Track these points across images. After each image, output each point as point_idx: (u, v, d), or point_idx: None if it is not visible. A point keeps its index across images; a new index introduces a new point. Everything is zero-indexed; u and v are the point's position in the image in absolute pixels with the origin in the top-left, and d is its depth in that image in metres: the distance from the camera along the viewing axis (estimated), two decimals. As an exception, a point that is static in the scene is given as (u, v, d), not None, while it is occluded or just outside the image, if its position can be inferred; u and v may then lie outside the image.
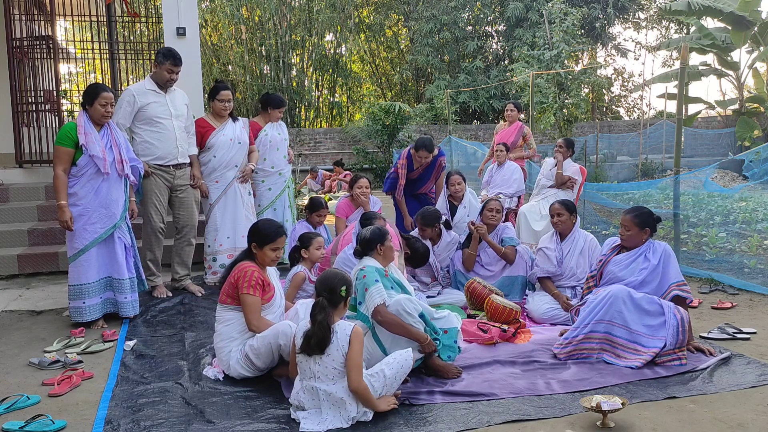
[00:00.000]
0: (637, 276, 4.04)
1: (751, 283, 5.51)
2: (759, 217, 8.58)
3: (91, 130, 4.58)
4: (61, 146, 4.52)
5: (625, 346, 3.81)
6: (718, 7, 18.57)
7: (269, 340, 3.49)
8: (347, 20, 20.49)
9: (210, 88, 5.88)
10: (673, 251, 4.12)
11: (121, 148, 4.74)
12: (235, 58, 19.56)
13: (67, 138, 4.52)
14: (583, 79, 16.30)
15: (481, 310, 4.77)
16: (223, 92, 5.72)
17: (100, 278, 4.70)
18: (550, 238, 5.05)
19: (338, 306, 3.22)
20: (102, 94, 4.58)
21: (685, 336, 3.76)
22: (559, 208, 4.96)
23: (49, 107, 8.12)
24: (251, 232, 3.80)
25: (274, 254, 3.74)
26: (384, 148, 17.34)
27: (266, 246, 3.71)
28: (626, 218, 4.15)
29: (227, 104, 5.76)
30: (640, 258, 4.10)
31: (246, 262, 3.71)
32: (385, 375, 3.14)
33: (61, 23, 13.38)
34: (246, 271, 3.61)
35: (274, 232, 3.74)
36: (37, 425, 3.04)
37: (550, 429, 2.99)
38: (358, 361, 3.05)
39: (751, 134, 19.07)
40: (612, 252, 4.27)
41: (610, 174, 17.50)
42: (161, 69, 5.28)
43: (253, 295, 3.57)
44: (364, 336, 3.40)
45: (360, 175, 6.18)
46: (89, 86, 4.70)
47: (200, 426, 3.06)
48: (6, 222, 6.93)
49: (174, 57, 5.29)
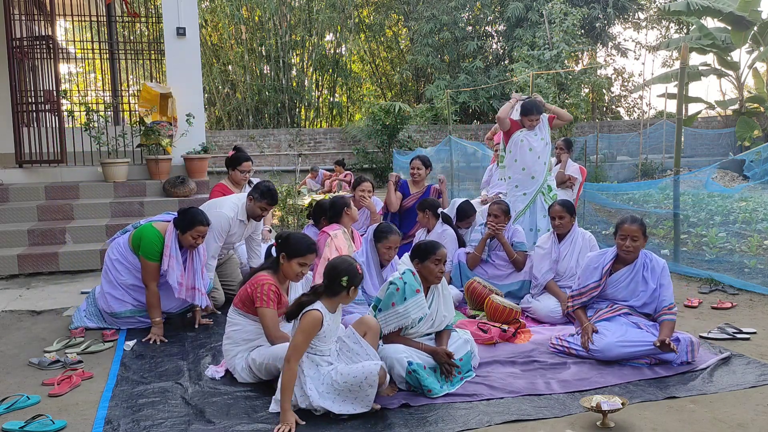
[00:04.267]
0: (636, 302, 4.01)
1: (751, 283, 5.51)
2: (759, 217, 8.59)
3: (175, 253, 4.41)
4: (150, 262, 4.38)
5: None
6: (718, 7, 18.57)
7: (267, 360, 3.48)
8: (347, 20, 20.49)
9: (231, 156, 5.65)
10: (667, 267, 4.05)
11: (197, 274, 4.56)
12: (235, 58, 19.56)
13: (156, 254, 4.37)
14: (583, 79, 16.30)
15: (481, 310, 4.77)
16: (245, 163, 5.61)
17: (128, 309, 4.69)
18: (548, 239, 5.04)
19: (339, 294, 3.22)
20: (198, 227, 4.39)
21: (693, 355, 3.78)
22: (561, 210, 4.92)
23: (49, 107, 8.11)
24: (283, 243, 3.68)
25: (300, 269, 3.65)
26: (384, 148, 17.34)
27: (294, 259, 3.63)
28: (633, 228, 3.96)
29: (248, 175, 5.68)
30: (638, 278, 4.01)
31: (264, 274, 3.67)
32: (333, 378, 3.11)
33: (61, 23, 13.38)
34: (263, 285, 3.58)
35: (306, 248, 3.66)
36: (37, 425, 3.04)
37: (550, 429, 2.99)
38: (297, 340, 3.09)
39: (751, 134, 19.08)
40: (608, 271, 4.09)
41: (610, 174, 17.50)
42: (255, 204, 5.00)
43: (269, 308, 3.56)
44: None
45: (364, 178, 6.14)
46: (187, 213, 4.43)
47: (200, 426, 3.06)
48: (6, 222, 6.94)
49: (272, 197, 5.03)
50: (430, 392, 3.33)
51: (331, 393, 3.11)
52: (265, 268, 3.75)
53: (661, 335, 3.72)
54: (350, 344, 3.28)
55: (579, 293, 4.16)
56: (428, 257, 3.67)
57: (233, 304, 3.72)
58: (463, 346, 3.72)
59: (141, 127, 8.12)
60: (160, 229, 4.47)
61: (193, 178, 7.94)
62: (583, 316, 4.07)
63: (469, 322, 4.44)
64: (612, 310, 4.02)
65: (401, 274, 3.67)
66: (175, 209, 6.80)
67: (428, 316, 3.68)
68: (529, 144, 5.91)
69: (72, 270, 6.38)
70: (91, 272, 6.32)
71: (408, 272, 3.67)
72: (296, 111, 20.37)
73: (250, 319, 3.64)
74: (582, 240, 4.93)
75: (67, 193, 7.53)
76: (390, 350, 3.48)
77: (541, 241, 5.11)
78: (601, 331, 3.89)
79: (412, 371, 3.36)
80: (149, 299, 4.43)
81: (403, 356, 3.42)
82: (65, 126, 8.15)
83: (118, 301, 4.60)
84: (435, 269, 3.67)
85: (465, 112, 20.06)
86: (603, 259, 4.12)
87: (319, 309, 3.16)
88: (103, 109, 10.11)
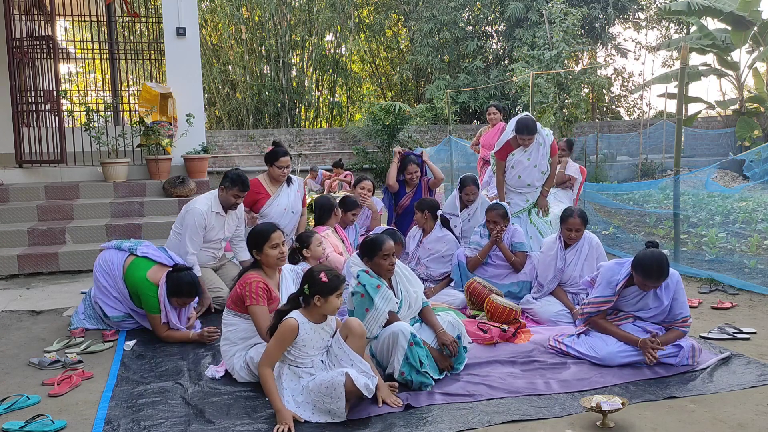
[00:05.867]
0: (644, 314, 3.89)
1: (751, 283, 5.51)
2: (759, 217, 8.59)
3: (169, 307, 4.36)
4: (156, 314, 4.35)
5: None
6: (718, 7, 18.57)
7: None
8: (347, 20, 20.48)
9: (269, 152, 5.53)
10: (681, 280, 3.88)
11: (183, 315, 4.55)
12: (235, 58, 19.55)
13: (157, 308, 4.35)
14: (583, 79, 16.28)
15: (481, 310, 4.77)
16: (283, 159, 5.47)
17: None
18: (554, 244, 4.88)
19: (309, 303, 3.17)
20: (184, 298, 4.38)
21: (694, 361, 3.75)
22: (579, 223, 4.72)
23: (49, 107, 8.11)
24: (248, 241, 3.79)
25: (276, 251, 3.72)
26: (384, 148, 17.33)
27: (264, 246, 3.70)
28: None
29: (286, 170, 5.54)
30: (649, 295, 3.84)
31: (251, 273, 3.70)
32: (309, 388, 3.09)
33: (61, 23, 13.39)
34: (250, 283, 3.61)
35: (267, 230, 3.74)
36: (37, 425, 3.04)
37: (550, 429, 2.99)
38: (269, 347, 3.11)
39: (751, 134, 19.07)
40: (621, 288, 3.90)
41: (610, 174, 17.50)
42: (227, 194, 5.02)
43: (259, 305, 3.57)
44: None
45: (365, 177, 6.15)
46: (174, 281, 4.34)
47: (200, 426, 3.06)
48: (6, 222, 6.94)
49: (243, 183, 5.03)
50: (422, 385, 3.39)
51: (309, 403, 3.09)
52: (251, 267, 3.78)
53: (660, 337, 3.71)
54: (335, 349, 3.23)
55: (591, 303, 3.96)
56: (376, 254, 3.69)
57: (226, 306, 3.76)
58: (451, 330, 3.75)
59: (141, 127, 8.12)
60: (153, 281, 4.39)
61: (193, 178, 7.94)
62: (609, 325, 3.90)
63: (469, 322, 4.44)
64: (617, 318, 3.94)
65: (356, 278, 3.68)
66: (175, 209, 6.83)
67: (404, 301, 3.72)
68: (519, 159, 5.89)
69: (72, 270, 6.38)
70: (91, 272, 6.28)
71: (361, 273, 3.68)
72: (296, 111, 20.35)
73: (244, 318, 3.66)
74: (588, 248, 4.79)
75: (67, 193, 7.53)
76: (395, 325, 3.50)
77: (546, 247, 4.97)
78: (604, 339, 3.84)
79: (414, 343, 3.41)
80: (168, 337, 4.36)
81: (408, 329, 3.47)
82: (65, 126, 8.15)
83: (110, 308, 4.61)
84: (385, 263, 3.68)
85: (465, 112, 20.04)
86: (618, 275, 3.88)
87: (295, 317, 3.14)
88: (103, 109, 10.12)
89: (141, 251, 4.57)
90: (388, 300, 3.61)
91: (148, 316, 4.43)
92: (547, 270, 4.87)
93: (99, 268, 4.67)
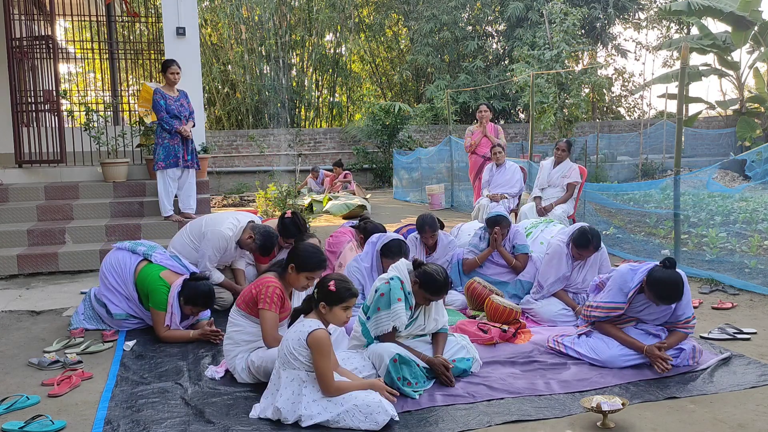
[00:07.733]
0: (651, 317, 3.84)
1: (752, 284, 5.50)
2: (759, 217, 8.57)
3: (176, 311, 4.40)
4: (161, 312, 4.35)
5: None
6: (718, 7, 18.56)
7: (265, 363, 3.46)
8: (347, 20, 20.47)
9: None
10: (687, 282, 3.76)
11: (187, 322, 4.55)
12: (235, 58, 19.54)
13: (164, 306, 4.36)
14: (583, 79, 16.28)
15: (481, 310, 4.76)
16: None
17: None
18: (561, 250, 4.79)
19: (316, 309, 3.16)
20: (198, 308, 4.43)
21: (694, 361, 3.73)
22: (592, 251, 4.66)
23: (48, 107, 8.11)
24: (295, 254, 3.61)
25: (306, 282, 3.60)
26: (384, 148, 17.33)
27: (303, 273, 3.58)
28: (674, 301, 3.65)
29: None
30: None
31: (271, 276, 3.64)
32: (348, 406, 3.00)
33: (61, 23, 13.39)
34: (268, 287, 3.55)
35: (317, 264, 3.60)
36: (36, 425, 3.03)
37: (550, 429, 2.99)
38: (321, 369, 3.00)
39: (752, 134, 19.06)
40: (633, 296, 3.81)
41: (610, 174, 17.49)
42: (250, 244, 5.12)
43: (271, 311, 3.54)
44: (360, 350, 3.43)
45: None
46: (194, 290, 4.35)
47: (200, 426, 3.05)
48: (6, 222, 6.94)
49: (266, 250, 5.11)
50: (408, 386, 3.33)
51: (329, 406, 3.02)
52: (272, 270, 3.70)
53: (663, 342, 3.70)
54: None
55: (600, 307, 3.86)
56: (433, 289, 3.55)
57: (236, 305, 3.71)
58: (459, 351, 3.68)
59: (141, 127, 8.12)
60: (167, 280, 4.41)
61: (193, 178, 7.92)
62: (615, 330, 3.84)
63: (469, 322, 4.44)
64: (620, 321, 3.89)
65: (390, 279, 3.58)
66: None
67: (415, 323, 3.62)
68: None
69: (72, 270, 6.38)
70: (90, 272, 6.31)
71: (396, 279, 3.57)
72: (296, 111, 20.35)
73: (252, 321, 3.62)
74: (593, 257, 4.77)
75: (66, 193, 7.53)
76: (381, 346, 3.45)
77: (552, 250, 4.89)
78: (605, 341, 3.82)
79: (397, 359, 3.33)
80: (174, 339, 4.35)
81: (393, 350, 3.38)
82: (65, 126, 8.16)
83: (114, 306, 4.60)
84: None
85: (465, 112, 20.03)
86: (632, 282, 3.75)
87: (316, 327, 3.05)
88: (103, 109, 10.12)
89: (155, 259, 4.56)
90: (397, 316, 3.50)
91: (152, 312, 4.41)
92: (548, 272, 4.83)
93: (108, 267, 4.65)
